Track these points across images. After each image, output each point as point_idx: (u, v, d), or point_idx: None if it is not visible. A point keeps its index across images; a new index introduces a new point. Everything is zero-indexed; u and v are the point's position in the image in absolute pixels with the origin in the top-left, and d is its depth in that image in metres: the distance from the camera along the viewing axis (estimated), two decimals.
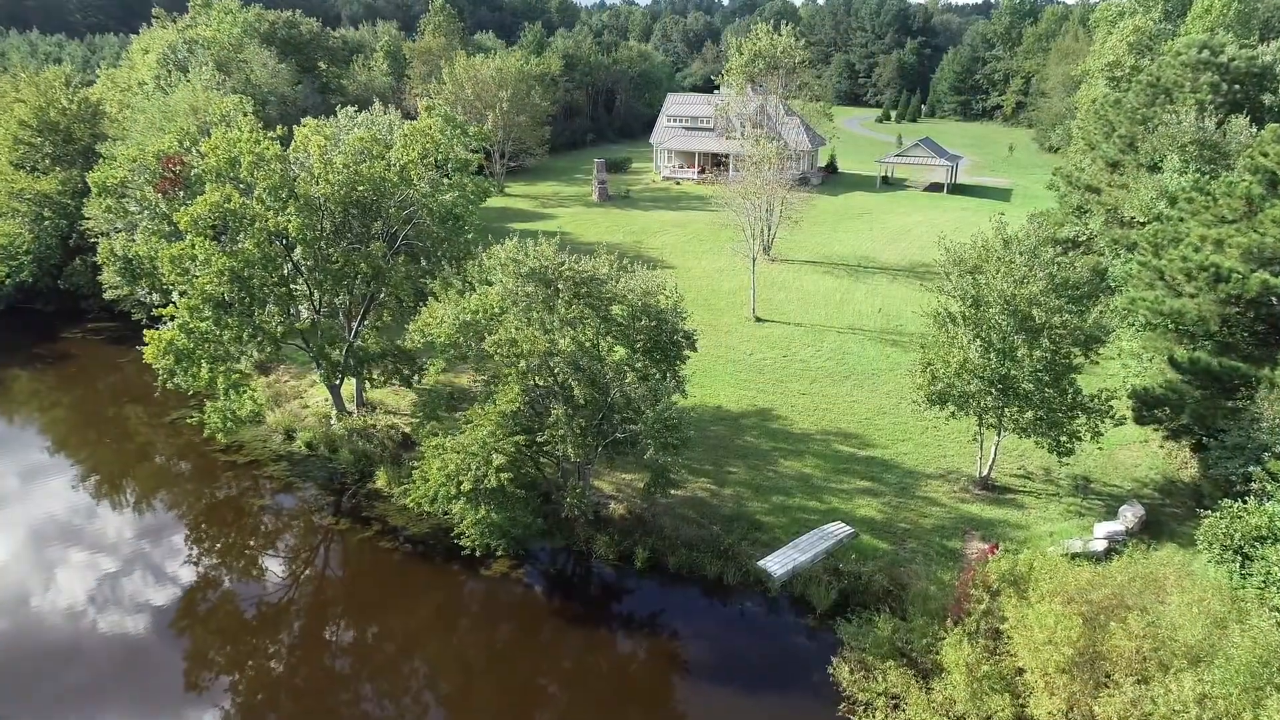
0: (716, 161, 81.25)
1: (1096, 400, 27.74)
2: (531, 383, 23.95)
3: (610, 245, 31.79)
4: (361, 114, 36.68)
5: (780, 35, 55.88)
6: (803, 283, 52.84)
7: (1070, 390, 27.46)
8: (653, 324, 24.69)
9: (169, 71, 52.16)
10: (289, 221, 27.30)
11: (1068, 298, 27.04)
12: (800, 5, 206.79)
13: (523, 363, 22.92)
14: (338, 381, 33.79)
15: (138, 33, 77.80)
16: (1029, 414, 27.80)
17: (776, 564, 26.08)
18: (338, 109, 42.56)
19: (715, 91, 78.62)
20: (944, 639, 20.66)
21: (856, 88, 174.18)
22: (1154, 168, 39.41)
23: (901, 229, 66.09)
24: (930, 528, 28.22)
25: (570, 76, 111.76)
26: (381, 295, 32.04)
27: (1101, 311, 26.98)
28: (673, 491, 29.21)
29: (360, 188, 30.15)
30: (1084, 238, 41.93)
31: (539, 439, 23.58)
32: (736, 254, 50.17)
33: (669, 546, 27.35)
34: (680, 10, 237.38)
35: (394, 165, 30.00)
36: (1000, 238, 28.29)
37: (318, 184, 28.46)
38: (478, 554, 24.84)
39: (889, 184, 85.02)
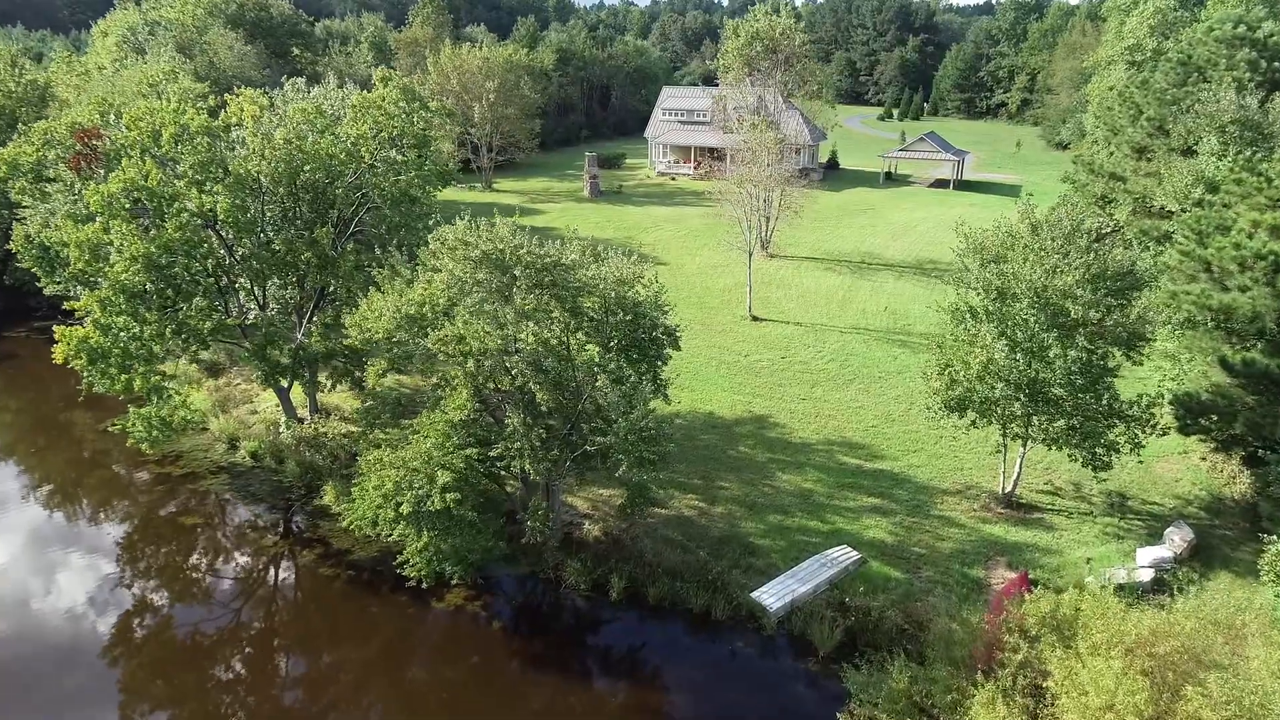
0: (714, 155, 77.79)
1: (1136, 407, 24.30)
2: (486, 386, 20.50)
3: (599, 241, 28.39)
4: (316, 89, 33.45)
5: (779, 17, 52.68)
6: (803, 280, 49.43)
7: (1107, 395, 24.04)
8: (628, 318, 21.21)
9: (126, 55, 48.77)
10: (216, 202, 23.85)
11: (1106, 289, 23.59)
12: (801, 4, 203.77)
13: (471, 363, 19.48)
14: (286, 385, 30.33)
15: None
16: (1060, 422, 24.37)
17: (772, 596, 22.58)
18: (284, 80, 39.11)
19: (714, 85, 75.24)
20: (973, 695, 17.16)
21: (858, 86, 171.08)
22: (1188, 151, 35.99)
23: (907, 224, 62.74)
24: (949, 552, 24.73)
25: (564, 72, 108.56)
26: (331, 288, 28.58)
27: (1146, 305, 23.48)
28: (656, 510, 25.79)
29: (307, 167, 26.75)
30: (1108, 229, 38.44)
31: (493, 453, 20.11)
32: (732, 249, 46.77)
33: (649, 574, 23.85)
34: (679, 10, 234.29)
35: (342, 141, 26.59)
36: (1028, 222, 24.83)
37: (253, 160, 25.03)
38: (424, 585, 21.32)
39: (892, 180, 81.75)
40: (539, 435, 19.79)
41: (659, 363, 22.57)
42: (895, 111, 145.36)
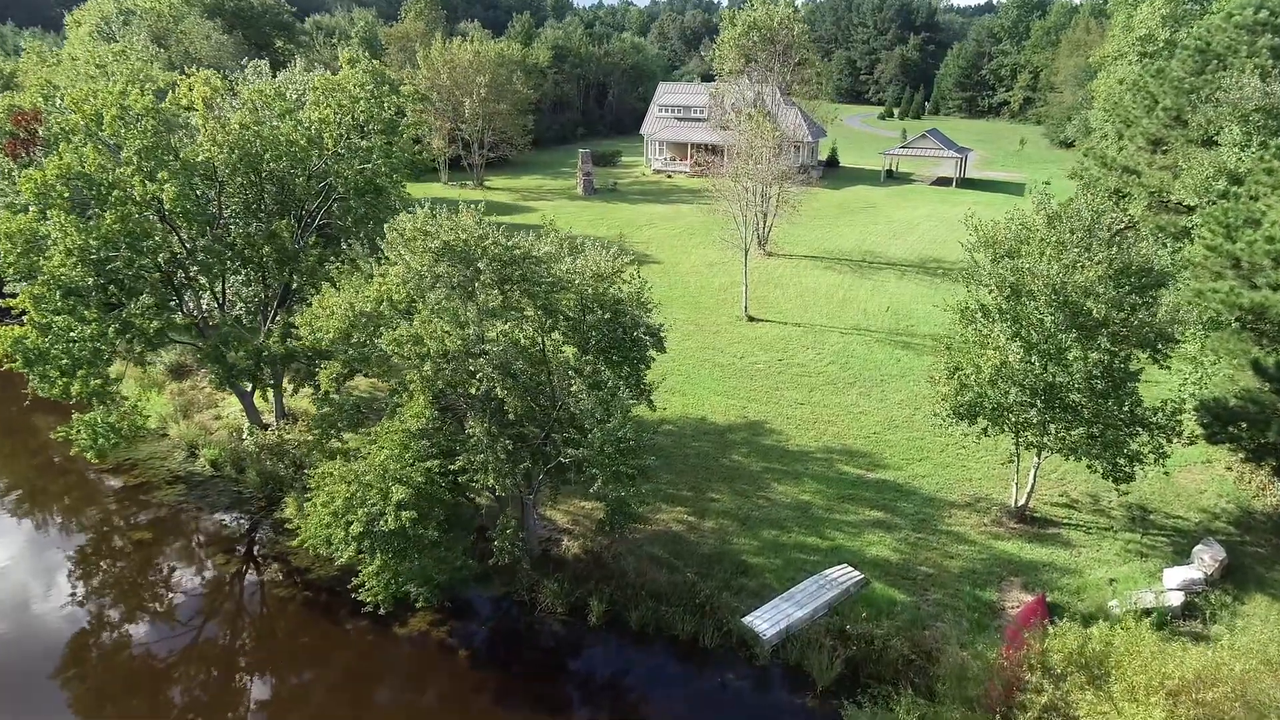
0: (711, 150, 75.89)
1: (1160, 414, 22.34)
2: (447, 392, 18.51)
3: (589, 239, 26.41)
4: (282, 74, 31.47)
5: (778, 6, 50.79)
6: (801, 279, 47.48)
7: (1130, 401, 22.08)
8: (606, 316, 19.23)
9: (98, 45, 46.86)
10: (162, 191, 21.88)
11: (1130, 286, 21.66)
12: (801, 2, 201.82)
13: (429, 366, 17.52)
14: (249, 388, 28.38)
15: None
16: (1078, 430, 22.39)
17: (766, 621, 20.60)
18: (245, 62, 37.13)
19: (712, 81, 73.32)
20: None
21: (858, 85, 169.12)
22: (1208, 142, 34.03)
23: (909, 222, 60.82)
24: (958, 572, 22.75)
25: (559, 69, 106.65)
26: (296, 286, 26.61)
27: (1176, 304, 21.54)
28: (641, 525, 23.82)
29: (268, 154, 24.82)
30: (1121, 224, 36.48)
31: (454, 466, 18.11)
32: (728, 246, 44.81)
33: (632, 597, 21.85)
34: (678, 9, 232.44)
35: (304, 126, 24.64)
36: (1044, 213, 22.87)
37: (205, 147, 23.08)
38: (381, 611, 19.32)
39: (894, 178, 79.84)
40: (505, 447, 17.82)
41: (641, 365, 20.57)
42: (896, 111, 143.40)
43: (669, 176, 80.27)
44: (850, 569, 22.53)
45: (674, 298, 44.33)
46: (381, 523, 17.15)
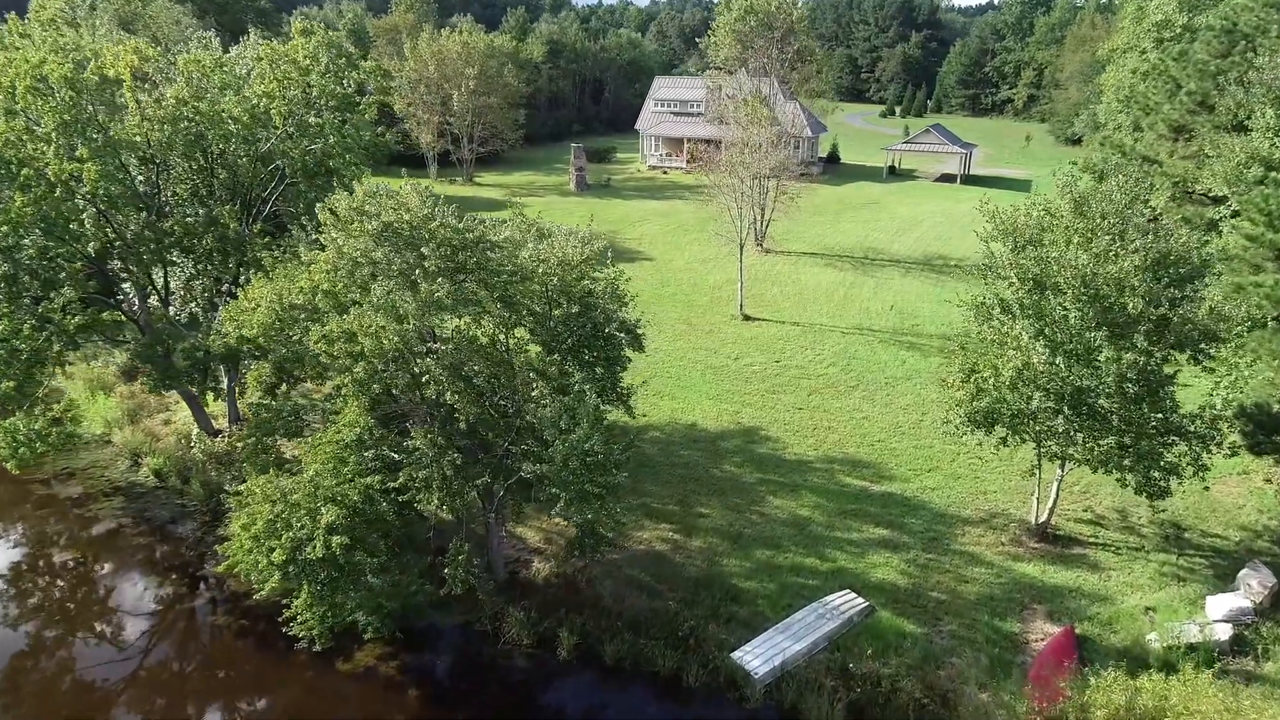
0: (708, 144, 73.51)
1: (1199, 421, 19.93)
2: (390, 396, 16.08)
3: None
4: (235, 49, 29.03)
5: None
6: (800, 276, 45.07)
7: (1166, 408, 19.66)
8: (575, 310, 16.81)
9: (60, 30, 44.43)
10: (82, 170, 19.46)
11: (1169, 279, 19.24)
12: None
13: (361, 367, 15.12)
14: (194, 390, 25.92)
15: None
16: (1108, 440, 19.97)
17: (758, 657, 18.15)
18: (189, 33, 34.86)
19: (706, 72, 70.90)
20: None
21: (859, 83, 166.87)
22: (1238, 127, 31.65)
23: (912, 219, 58.44)
24: (974, 598, 20.30)
25: (554, 64, 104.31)
26: (245, 278, 24.17)
27: (1221, 298, 19.14)
28: (623, 544, 21.40)
29: (212, 133, 22.43)
30: (1141, 216, 34.09)
31: (394, 483, 15.67)
32: (723, 241, 42.40)
33: (608, 627, 19.38)
34: (678, 8, 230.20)
35: (248, 101, 22.26)
36: (1070, 197, 20.43)
37: (134, 123, 20.68)
38: (317, 648, 16.88)
39: (896, 174, 77.53)
40: (452, 461, 15.40)
41: (617, 367, 18.14)
42: (898, 109, 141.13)
43: (664, 173, 77.97)
44: (853, 595, 20.09)
45: (666, 296, 42.01)
46: (309, 549, 14.73)
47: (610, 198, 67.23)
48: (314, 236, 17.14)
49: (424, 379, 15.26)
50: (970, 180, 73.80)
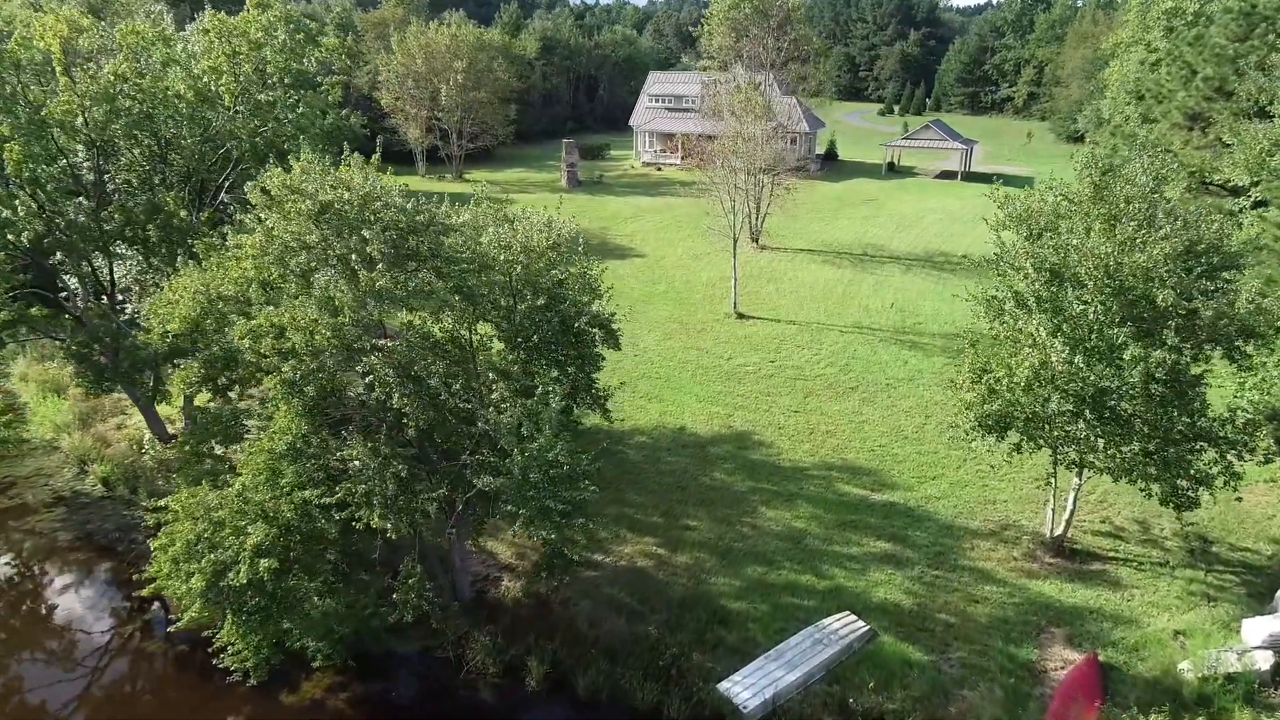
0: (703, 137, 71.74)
1: (1230, 426, 18.18)
2: (328, 400, 14.24)
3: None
4: (191, 25, 27.11)
5: None
6: (797, 273, 43.28)
7: (1198, 410, 17.90)
8: (541, 303, 15.00)
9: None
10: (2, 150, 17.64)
11: (1202, 269, 17.48)
12: None
13: (288, 366, 13.31)
14: (149, 395, 24.09)
15: None
16: (1132, 446, 18.19)
17: (748, 689, 16.33)
18: (138, 6, 33.07)
19: (699, 61, 69.05)
20: None
21: (857, 81, 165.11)
22: (1260, 114, 29.89)
23: (913, 215, 56.67)
24: (986, 621, 18.49)
25: (548, 60, 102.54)
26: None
27: (1259, 290, 17.36)
28: (599, 559, 19.61)
29: (158, 113, 20.61)
30: (1167, 201, 32.42)
31: (331, 499, 13.82)
32: (717, 237, 40.59)
33: (582, 654, 17.57)
34: (675, 7, 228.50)
35: (192, 77, 20.46)
36: (1090, 179, 18.64)
37: (65, 99, 18.84)
38: (252, 682, 15.02)
39: (895, 171, 75.71)
40: (398, 473, 13.59)
41: (590, 366, 16.31)
42: (896, 107, 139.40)
43: (659, 169, 76.19)
44: (853, 618, 18.28)
45: (657, 293, 40.26)
46: (232, 575, 12.89)
47: (603, 194, 65.49)
48: (239, 218, 15.33)
49: (368, 379, 13.45)
50: (971, 177, 72.07)
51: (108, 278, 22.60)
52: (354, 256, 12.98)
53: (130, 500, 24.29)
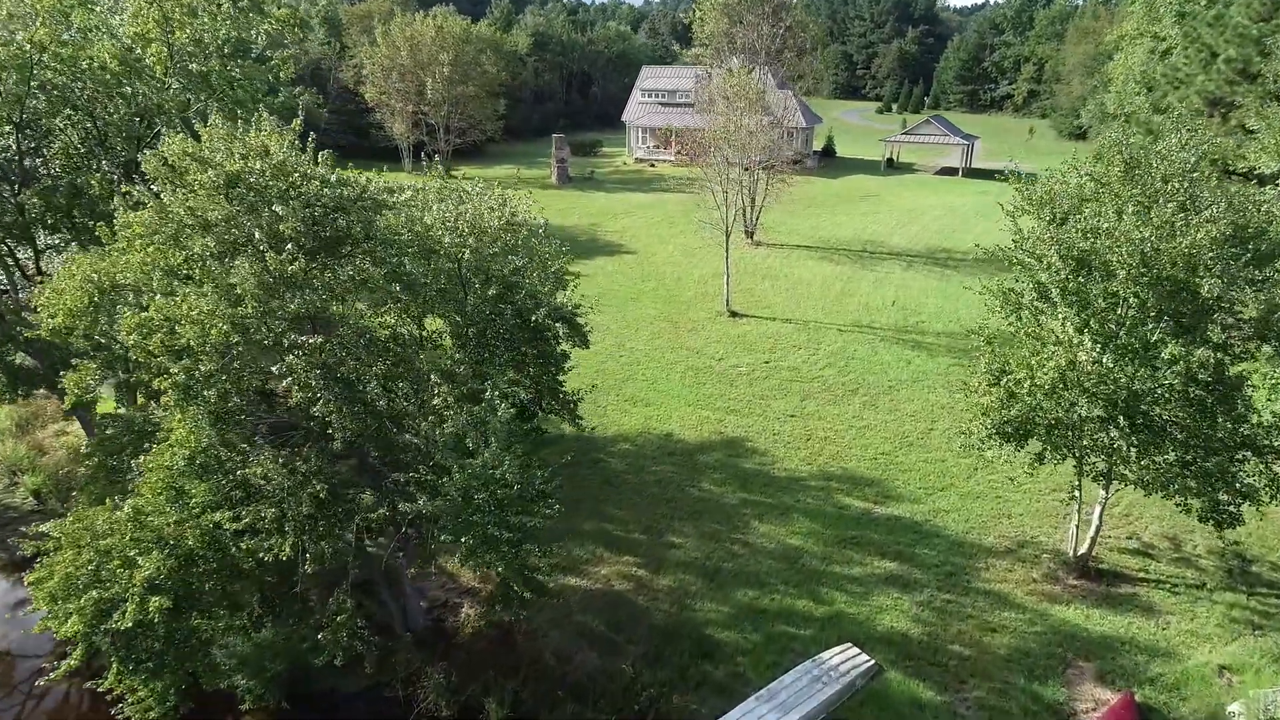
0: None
1: (1274, 432, 16.16)
2: (234, 407, 12.13)
3: (561, 229, 19.93)
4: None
5: None
6: (793, 269, 41.23)
7: (1241, 416, 15.89)
8: (492, 293, 12.92)
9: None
10: None
11: (1250, 255, 15.48)
12: None
13: (178, 368, 11.25)
14: (84, 397, 21.88)
15: None
16: (1168, 456, 16.18)
17: None
18: None
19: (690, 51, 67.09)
20: None
21: (854, 80, 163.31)
22: None
23: (914, 211, 54.71)
24: (1005, 654, 16.42)
25: (540, 56, 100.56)
26: None
27: None
28: (572, 582, 17.52)
29: (77, 83, 18.52)
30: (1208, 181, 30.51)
31: (237, 525, 11.72)
32: (706, 226, 38.50)
33: (547, 694, 15.49)
34: (671, 6, 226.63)
35: (116, 44, 18.38)
36: (1121, 159, 16.61)
37: None
38: None
39: (895, 168, 73.79)
40: (314, 495, 11.52)
41: (552, 368, 14.22)
42: (894, 105, 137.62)
43: (652, 165, 74.21)
44: (855, 650, 16.21)
45: (646, 291, 38.20)
46: (117, 616, 10.80)
47: (593, 190, 63.54)
48: (126, 190, 13.25)
49: (286, 382, 11.38)
50: (972, 174, 70.14)
51: (33, 269, 20.46)
52: (258, 235, 10.92)
53: (64, 514, 22.11)
